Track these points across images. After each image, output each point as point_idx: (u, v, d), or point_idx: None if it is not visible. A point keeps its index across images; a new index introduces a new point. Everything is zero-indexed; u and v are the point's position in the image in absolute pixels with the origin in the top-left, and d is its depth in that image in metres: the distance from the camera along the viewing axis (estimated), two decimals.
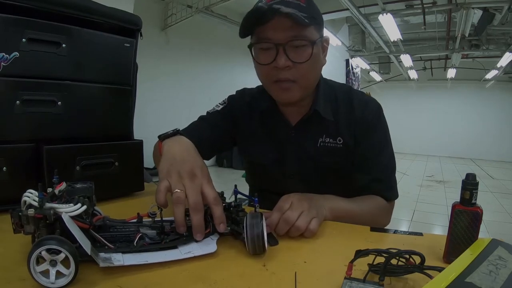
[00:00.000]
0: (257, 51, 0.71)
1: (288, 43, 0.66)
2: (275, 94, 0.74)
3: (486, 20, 4.65)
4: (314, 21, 0.66)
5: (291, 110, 0.80)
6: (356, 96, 0.81)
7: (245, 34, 0.70)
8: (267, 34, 0.66)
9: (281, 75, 0.68)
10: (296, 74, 0.68)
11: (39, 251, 0.38)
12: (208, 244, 0.50)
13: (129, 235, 0.49)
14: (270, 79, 0.71)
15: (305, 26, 0.65)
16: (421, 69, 8.61)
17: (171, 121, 5.06)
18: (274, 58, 0.67)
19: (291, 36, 0.65)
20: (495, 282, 0.33)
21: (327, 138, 0.78)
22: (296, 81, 0.69)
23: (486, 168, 7.42)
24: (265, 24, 0.65)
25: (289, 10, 0.62)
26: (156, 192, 0.51)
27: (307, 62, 0.67)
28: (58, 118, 0.73)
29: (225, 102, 0.91)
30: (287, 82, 0.69)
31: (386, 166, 0.79)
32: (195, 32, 4.97)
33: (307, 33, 0.66)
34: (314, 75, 0.73)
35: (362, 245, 0.52)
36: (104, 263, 0.42)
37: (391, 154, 0.81)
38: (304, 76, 0.69)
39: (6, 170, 0.66)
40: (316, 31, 0.69)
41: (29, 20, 0.67)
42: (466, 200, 0.45)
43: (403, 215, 3.68)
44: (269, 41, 0.67)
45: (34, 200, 0.42)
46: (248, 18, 0.66)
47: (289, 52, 0.66)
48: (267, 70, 0.70)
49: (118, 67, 0.83)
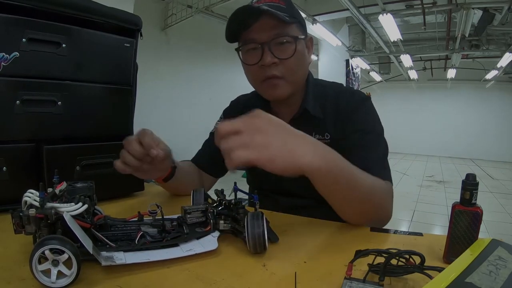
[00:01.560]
0: (244, 53, 0.74)
1: (272, 41, 0.69)
2: (264, 92, 0.77)
3: (486, 20, 4.65)
4: (295, 20, 0.70)
5: (283, 110, 0.81)
6: (344, 90, 0.82)
7: (232, 40, 0.74)
8: (251, 35, 0.70)
9: (268, 72, 0.71)
10: (282, 70, 0.71)
11: (42, 251, 0.38)
12: (209, 242, 0.51)
13: (130, 233, 0.50)
14: (259, 78, 0.74)
15: (287, 24, 0.69)
16: (421, 69, 8.61)
17: (171, 121, 5.08)
18: (260, 57, 0.70)
19: (274, 34, 0.69)
20: (495, 282, 0.33)
21: (316, 135, 0.79)
22: (283, 77, 0.72)
23: (486, 168, 7.43)
24: (250, 28, 0.69)
25: (269, 8, 0.66)
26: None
27: (292, 58, 0.70)
28: (58, 118, 0.73)
29: (221, 117, 0.94)
30: (275, 79, 0.72)
31: (375, 148, 0.73)
32: (195, 32, 4.97)
33: (290, 31, 0.70)
34: (301, 70, 0.76)
35: (362, 245, 0.52)
36: (106, 262, 0.42)
37: (381, 139, 0.75)
38: (290, 71, 0.72)
39: (6, 170, 0.66)
40: (298, 29, 0.73)
41: (29, 20, 0.67)
42: (466, 200, 0.45)
43: (403, 215, 3.68)
44: (254, 42, 0.70)
45: (35, 200, 0.42)
46: (232, 24, 0.70)
47: (274, 50, 0.69)
48: (255, 70, 0.73)
49: (118, 67, 0.83)
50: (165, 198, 0.83)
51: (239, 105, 0.93)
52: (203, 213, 0.55)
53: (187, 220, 0.53)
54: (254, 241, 0.48)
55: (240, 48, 0.74)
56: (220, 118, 0.94)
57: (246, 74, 0.77)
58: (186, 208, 0.54)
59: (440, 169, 7.29)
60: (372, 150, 0.72)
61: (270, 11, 0.65)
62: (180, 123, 4.91)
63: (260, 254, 0.49)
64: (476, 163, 8.54)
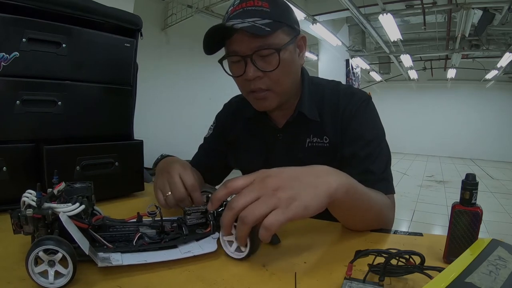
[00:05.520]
0: (229, 63, 0.71)
1: (254, 53, 0.64)
2: (253, 104, 0.74)
3: (486, 20, 4.65)
4: (279, 26, 0.64)
5: (277, 113, 0.79)
6: (343, 91, 0.77)
7: (211, 52, 0.70)
8: (233, 47, 0.66)
9: (253, 85, 0.68)
10: (268, 82, 0.68)
11: (37, 252, 0.38)
12: (208, 244, 0.50)
13: (128, 234, 0.49)
14: (246, 89, 0.71)
15: (268, 35, 0.63)
16: (421, 69, 8.60)
17: (171, 121, 5.08)
18: (244, 70, 0.66)
19: (256, 46, 0.64)
20: (495, 283, 0.33)
21: (314, 138, 0.77)
22: (270, 89, 0.68)
23: (486, 168, 7.43)
24: (230, 38, 0.65)
25: (244, 24, 0.61)
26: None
27: (277, 69, 0.66)
28: (58, 118, 0.73)
29: (214, 122, 0.92)
30: (261, 92, 0.69)
31: (377, 157, 0.71)
32: (195, 32, 4.95)
33: (272, 41, 0.64)
34: (288, 80, 0.71)
35: (362, 245, 0.52)
36: (102, 263, 0.42)
37: (383, 145, 0.74)
38: (277, 83, 0.68)
39: (6, 170, 0.66)
40: (285, 34, 0.66)
41: (29, 20, 0.67)
42: (466, 200, 0.45)
43: (403, 215, 3.68)
44: (236, 54, 0.66)
45: (32, 200, 0.42)
46: (208, 42, 0.66)
47: (257, 62, 0.65)
48: (241, 81, 0.70)
49: (118, 67, 0.83)
50: None
51: (231, 107, 0.91)
52: (203, 215, 0.54)
53: (186, 221, 0.53)
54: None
55: (224, 59, 0.70)
56: (213, 123, 0.92)
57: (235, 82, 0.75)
58: (186, 209, 0.54)
59: (440, 169, 7.29)
60: (374, 162, 0.70)
61: (244, 28, 0.60)
62: (180, 123, 4.91)
63: (256, 254, 0.49)
64: (476, 163, 8.54)
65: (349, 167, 0.69)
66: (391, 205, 0.67)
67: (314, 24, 4.86)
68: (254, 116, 0.81)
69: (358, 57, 6.83)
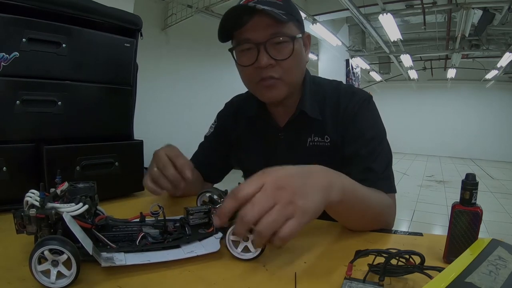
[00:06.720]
0: (238, 53, 0.71)
1: (268, 41, 0.65)
2: (260, 94, 0.74)
3: (486, 20, 4.64)
4: (292, 18, 0.67)
5: (279, 111, 0.79)
6: (344, 90, 0.78)
7: (225, 39, 0.70)
8: (246, 35, 0.66)
9: (264, 73, 0.68)
10: (279, 71, 0.68)
11: (41, 251, 0.38)
12: (211, 243, 0.50)
13: (131, 234, 0.49)
14: (254, 79, 0.70)
15: (284, 23, 0.65)
16: (421, 69, 8.60)
17: (171, 121, 5.07)
18: (256, 58, 0.66)
19: (270, 34, 0.65)
20: (495, 282, 0.33)
21: (315, 137, 0.77)
22: (280, 78, 0.69)
23: (486, 168, 7.42)
24: (243, 26, 0.66)
25: (265, 7, 0.62)
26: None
27: (289, 58, 0.67)
28: (58, 118, 0.73)
29: (215, 121, 0.92)
30: (271, 80, 0.69)
31: (378, 155, 0.71)
32: (195, 32, 4.97)
33: (287, 30, 0.66)
34: (298, 71, 0.73)
35: (362, 245, 0.52)
36: (106, 263, 0.42)
37: (384, 144, 0.74)
38: (288, 72, 0.69)
39: (6, 170, 0.66)
40: (296, 27, 0.69)
41: (29, 20, 0.67)
42: (466, 200, 0.45)
43: (403, 215, 3.68)
44: (249, 42, 0.67)
45: (36, 200, 0.42)
46: (226, 22, 0.66)
47: (270, 50, 0.66)
48: (250, 71, 0.70)
49: (118, 67, 0.83)
50: (168, 199, 0.83)
51: (233, 106, 0.91)
52: (206, 214, 0.54)
53: (189, 221, 0.53)
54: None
55: (234, 48, 0.71)
56: (214, 121, 0.92)
57: (241, 75, 0.74)
58: (189, 209, 0.53)
59: (440, 169, 7.29)
60: (375, 161, 0.70)
61: (265, 10, 0.62)
62: (180, 123, 4.91)
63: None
64: (476, 163, 8.54)
65: (350, 166, 0.70)
66: (391, 205, 0.68)
67: (314, 24, 4.86)
68: (256, 115, 0.81)
69: (358, 57, 6.83)
